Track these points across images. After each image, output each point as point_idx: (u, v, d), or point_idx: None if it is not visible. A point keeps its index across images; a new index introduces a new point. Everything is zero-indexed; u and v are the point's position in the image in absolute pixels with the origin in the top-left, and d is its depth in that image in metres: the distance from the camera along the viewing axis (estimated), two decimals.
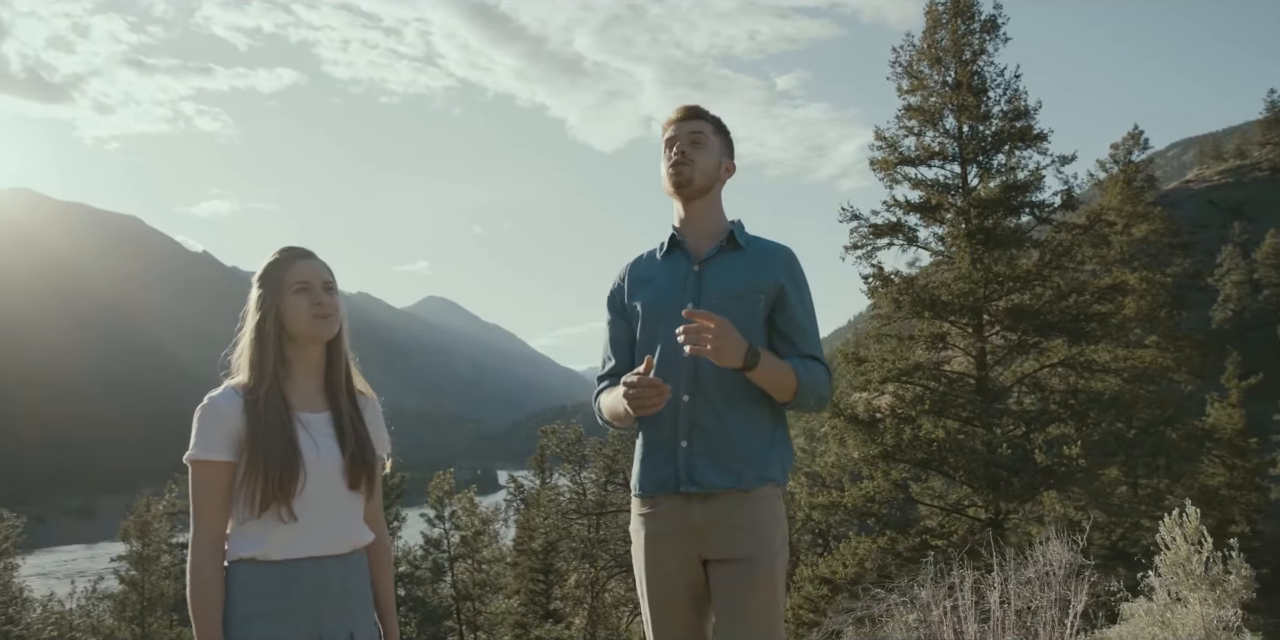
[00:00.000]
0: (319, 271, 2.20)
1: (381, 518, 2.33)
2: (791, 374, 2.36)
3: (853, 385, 17.08)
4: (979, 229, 16.67)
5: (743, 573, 2.33)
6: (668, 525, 2.42)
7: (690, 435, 2.40)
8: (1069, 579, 3.65)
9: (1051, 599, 3.50)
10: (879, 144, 18.25)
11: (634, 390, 2.25)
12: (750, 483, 2.38)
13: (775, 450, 2.46)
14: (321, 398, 2.19)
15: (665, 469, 2.43)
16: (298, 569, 2.05)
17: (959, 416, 16.22)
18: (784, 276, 2.48)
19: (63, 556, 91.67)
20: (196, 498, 2.02)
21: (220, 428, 2.04)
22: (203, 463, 2.02)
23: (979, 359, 16.76)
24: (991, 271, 16.10)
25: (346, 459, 2.12)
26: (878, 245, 17.76)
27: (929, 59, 17.80)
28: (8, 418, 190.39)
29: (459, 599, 27.18)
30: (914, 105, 17.91)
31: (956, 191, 17.49)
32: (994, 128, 17.38)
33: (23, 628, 24.85)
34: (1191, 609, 3.35)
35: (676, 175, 2.52)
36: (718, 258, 2.51)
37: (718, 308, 2.39)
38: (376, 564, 2.26)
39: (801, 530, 30.48)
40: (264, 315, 2.14)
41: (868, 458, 15.50)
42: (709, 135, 2.58)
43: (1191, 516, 3.66)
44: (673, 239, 2.58)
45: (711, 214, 2.58)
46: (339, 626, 2.08)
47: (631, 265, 2.66)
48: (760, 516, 2.38)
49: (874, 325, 17.78)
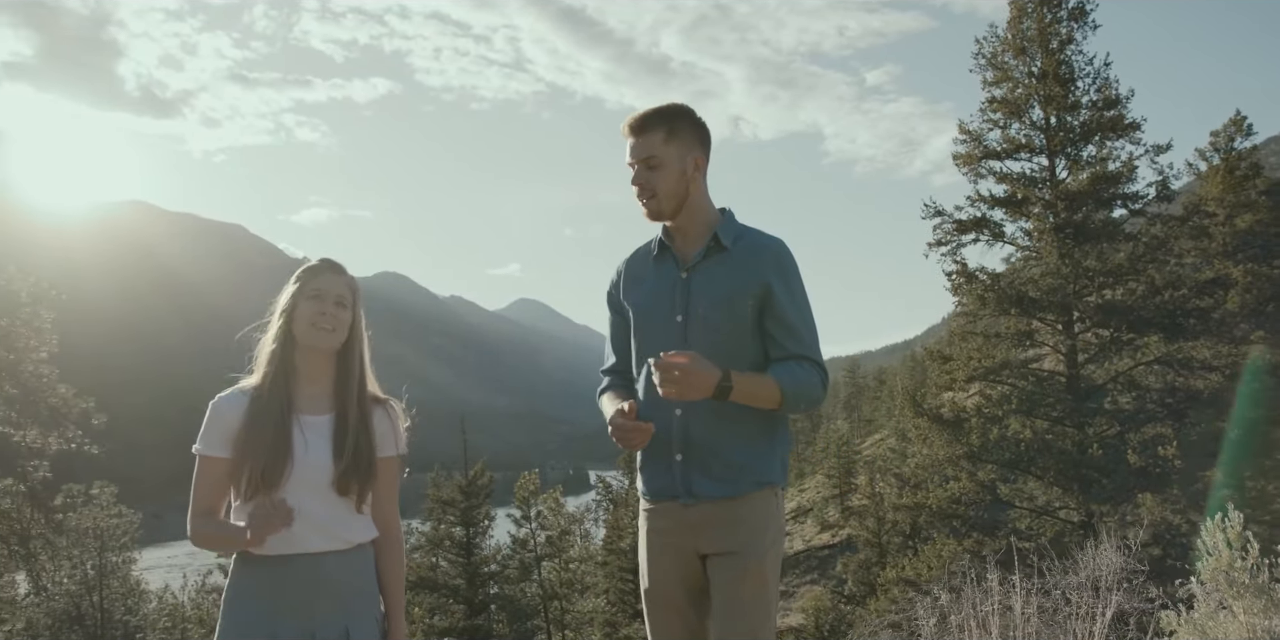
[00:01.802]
0: (336, 286, 2.27)
1: (394, 515, 2.37)
2: (774, 387, 2.33)
3: (937, 384, 16.75)
4: (1067, 223, 16.17)
5: (733, 564, 2.36)
6: (667, 522, 2.47)
7: (684, 449, 2.41)
8: (1110, 586, 3.53)
9: (1083, 608, 3.38)
10: (963, 138, 17.87)
11: (618, 432, 2.31)
12: (746, 489, 2.40)
13: (773, 454, 2.45)
14: (328, 401, 2.26)
15: (663, 479, 2.46)
16: (292, 564, 2.12)
17: (1048, 416, 15.77)
18: (772, 275, 2.43)
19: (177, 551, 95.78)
20: (196, 484, 2.17)
21: (220, 427, 2.17)
22: (202, 457, 2.18)
23: (1069, 356, 16.25)
24: (1081, 266, 15.60)
25: (335, 462, 2.19)
26: (962, 241, 17.40)
27: (1013, 49, 17.35)
28: (128, 419, 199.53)
29: (546, 598, 27.50)
30: (999, 97, 17.50)
31: (1044, 185, 17.00)
32: (1083, 118, 16.85)
33: (140, 618, 26.05)
34: (1236, 619, 3.21)
35: (647, 211, 2.51)
36: (703, 263, 2.48)
37: (705, 317, 2.41)
38: (384, 560, 2.31)
39: (891, 532, 30.00)
40: (280, 320, 2.26)
41: (952, 458, 15.18)
42: (659, 148, 2.45)
43: (1235, 521, 3.50)
44: (661, 242, 2.56)
45: (696, 215, 2.52)
46: (333, 621, 2.14)
47: (627, 261, 2.65)
48: (753, 513, 2.39)
49: (958, 323, 17.40)
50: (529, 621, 27.22)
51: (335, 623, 2.15)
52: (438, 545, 27.01)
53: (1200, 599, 3.45)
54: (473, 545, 26.67)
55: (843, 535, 44.05)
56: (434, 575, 26.24)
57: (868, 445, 60.19)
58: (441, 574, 26.35)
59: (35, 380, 15.98)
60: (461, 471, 27.40)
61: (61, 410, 16.25)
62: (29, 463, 15.85)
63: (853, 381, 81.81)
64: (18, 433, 15.61)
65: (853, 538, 40.34)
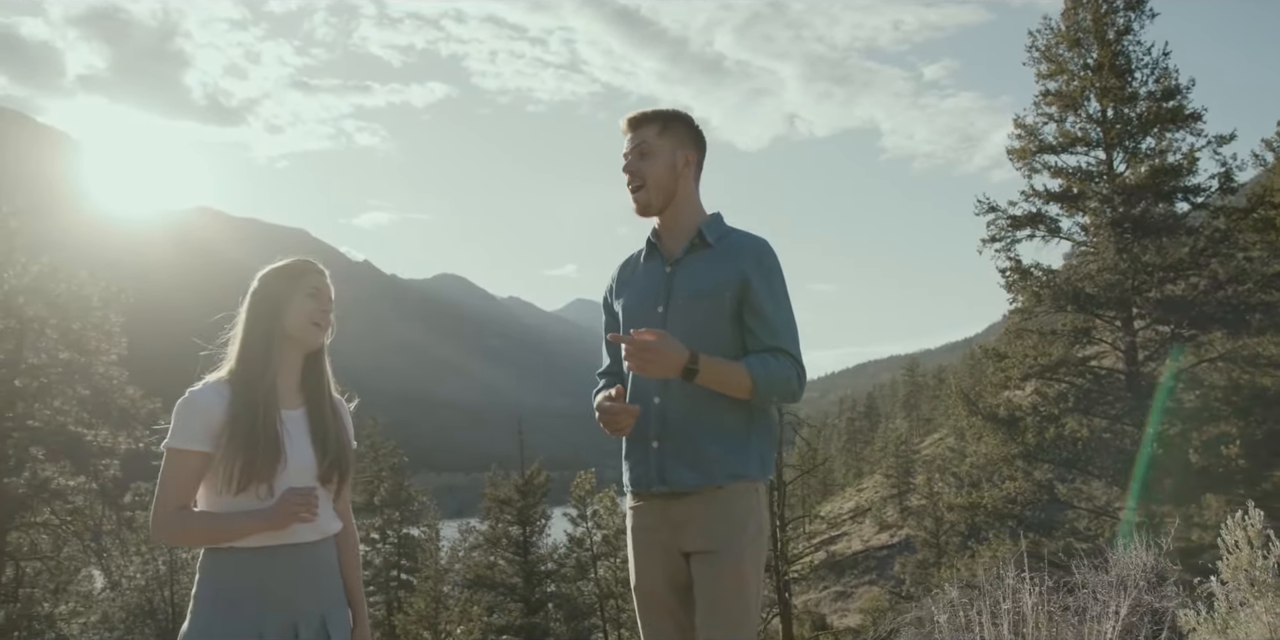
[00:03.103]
0: (330, 285, 2.34)
1: (349, 509, 2.44)
2: (745, 375, 2.37)
3: (992, 382, 16.53)
4: (1125, 217, 15.85)
5: (711, 563, 2.39)
6: (650, 520, 2.52)
7: (660, 436, 2.46)
8: (1136, 585, 3.47)
9: (1096, 608, 3.33)
10: (1017, 133, 17.61)
11: (605, 415, 2.40)
12: (720, 479, 2.42)
13: (750, 447, 2.48)
14: (298, 396, 2.31)
15: (640, 468, 2.51)
16: (275, 555, 2.16)
17: (1107, 414, 15.46)
18: (751, 269, 2.48)
19: None
20: (166, 479, 2.15)
21: (199, 421, 2.15)
22: (179, 451, 2.15)
23: (1128, 354, 15.92)
24: (1140, 261, 15.27)
25: (319, 455, 2.24)
26: (1017, 237, 17.14)
27: (1068, 41, 17.04)
28: None
29: (602, 596, 27.62)
30: (1053, 90, 17.21)
31: (1101, 178, 16.68)
32: (1141, 110, 16.49)
33: None
34: (1258, 618, 3.14)
35: (635, 204, 2.59)
36: (686, 258, 2.55)
37: (684, 308, 2.48)
38: (345, 552, 2.37)
39: (950, 532, 29.63)
40: (264, 315, 2.26)
41: (1007, 457, 14.96)
42: (653, 138, 2.56)
43: (1255, 519, 3.43)
44: (650, 241, 2.64)
45: (683, 214, 2.60)
46: (312, 610, 2.19)
47: (620, 267, 2.74)
48: (732, 510, 2.42)
49: (1013, 320, 17.13)
50: (585, 620, 27.40)
51: (313, 613, 2.19)
52: (495, 544, 27.31)
53: (1220, 598, 3.39)
54: (529, 544, 26.92)
55: (901, 535, 43.62)
56: (491, 574, 26.55)
57: (927, 444, 59.50)
58: (499, 572, 26.64)
59: (105, 382, 16.49)
60: (518, 471, 27.67)
61: (131, 411, 16.73)
62: (100, 461, 16.33)
63: (911, 380, 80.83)
64: (89, 432, 16.11)
65: (911, 538, 39.96)
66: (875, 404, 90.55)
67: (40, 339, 15.97)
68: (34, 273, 15.70)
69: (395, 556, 33.74)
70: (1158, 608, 3.52)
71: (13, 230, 15.86)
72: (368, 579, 34.17)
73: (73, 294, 16.08)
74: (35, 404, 15.76)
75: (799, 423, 21.08)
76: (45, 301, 15.88)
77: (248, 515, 2.12)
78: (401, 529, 34.22)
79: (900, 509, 47.38)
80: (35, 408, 15.76)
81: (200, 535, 2.17)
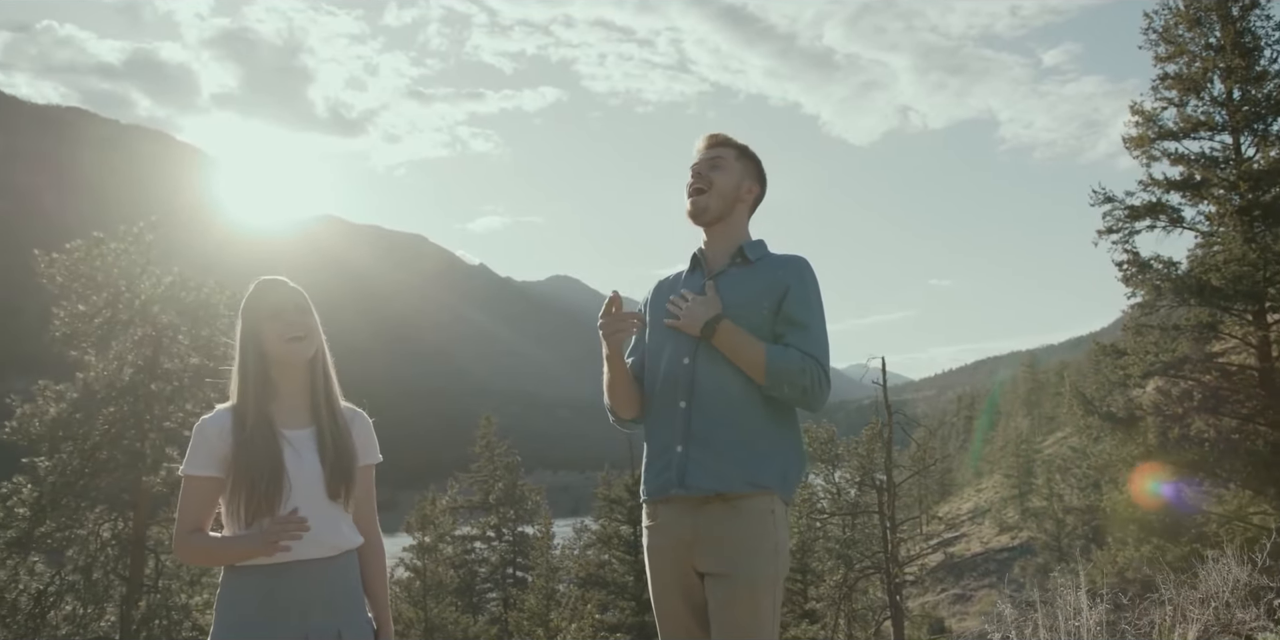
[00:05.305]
0: (291, 297, 2.36)
1: (374, 520, 2.47)
2: (759, 351, 2.41)
3: (1110, 380, 15.84)
4: (1254, 204, 14.97)
5: (720, 586, 2.37)
6: (664, 539, 2.52)
7: (685, 440, 2.47)
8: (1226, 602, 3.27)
9: (1167, 622, 3.17)
10: (1135, 119, 16.81)
11: (609, 323, 2.48)
12: (737, 486, 2.41)
13: (774, 457, 2.47)
14: (307, 414, 2.36)
15: (662, 474, 2.52)
16: (285, 573, 2.21)
17: (1238, 413, 14.64)
18: (792, 280, 2.54)
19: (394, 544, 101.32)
20: (183, 504, 2.26)
21: (207, 447, 2.26)
22: (191, 477, 2.26)
23: (1261, 349, 15.02)
24: (1272, 251, 14.40)
25: (326, 471, 2.30)
26: (1135, 228, 16.37)
27: (1187, 21, 16.18)
28: None
29: None
30: (1172, 73, 16.36)
31: (1227, 164, 15.78)
32: (1270, 90, 15.53)
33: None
34: None
35: (693, 206, 2.66)
36: (729, 271, 2.62)
37: (724, 314, 2.51)
38: (368, 565, 2.42)
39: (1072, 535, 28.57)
40: (245, 344, 2.34)
41: (1126, 459, 14.32)
42: (730, 160, 2.68)
43: None
44: (694, 259, 2.71)
45: (732, 233, 2.67)
46: (326, 625, 2.24)
47: (658, 284, 2.79)
48: (746, 531, 2.39)
49: (1132, 315, 16.37)
50: None
51: (328, 627, 2.25)
52: (607, 543, 27.64)
53: None
54: (640, 543, 27.12)
55: (1022, 537, 42.18)
56: (603, 572, 26.86)
57: (1049, 444, 57.40)
58: (610, 571, 26.93)
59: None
60: (630, 471, 27.94)
61: None
62: None
63: (1032, 377, 78.01)
64: None
65: (1031, 540, 38.60)
66: (975, 404, 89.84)
67: (173, 345, 16.92)
68: (167, 283, 16.65)
69: (510, 554, 34.49)
70: (1237, 627, 3.34)
71: (148, 244, 16.88)
72: (484, 576, 35.02)
73: (201, 302, 16.98)
74: (170, 407, 16.67)
75: (908, 422, 20.57)
76: (177, 309, 16.83)
77: (239, 541, 2.22)
78: (516, 527, 34.97)
79: (1021, 510, 45.84)
80: (170, 410, 16.67)
81: (203, 558, 2.33)
